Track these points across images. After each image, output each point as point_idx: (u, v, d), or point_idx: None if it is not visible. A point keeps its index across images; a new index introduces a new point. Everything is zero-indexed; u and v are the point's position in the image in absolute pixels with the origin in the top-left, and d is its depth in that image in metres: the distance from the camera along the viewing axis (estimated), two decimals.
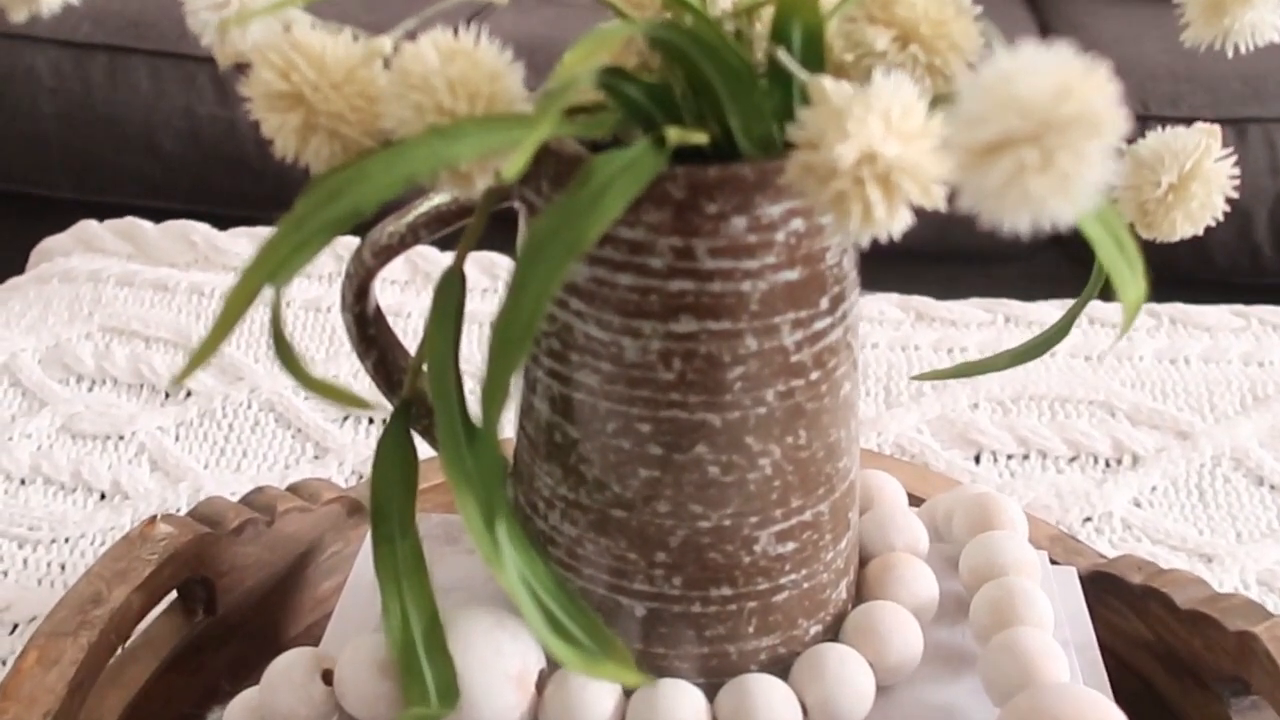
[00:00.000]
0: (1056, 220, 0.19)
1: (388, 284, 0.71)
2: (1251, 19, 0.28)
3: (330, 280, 0.72)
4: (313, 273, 0.72)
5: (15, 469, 0.58)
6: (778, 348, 0.30)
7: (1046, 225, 0.19)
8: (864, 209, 0.24)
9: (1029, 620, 0.35)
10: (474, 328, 0.64)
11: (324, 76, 0.28)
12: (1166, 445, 0.59)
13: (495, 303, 0.69)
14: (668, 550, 0.32)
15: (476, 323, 0.66)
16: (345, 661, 0.34)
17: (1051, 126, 0.18)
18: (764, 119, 0.27)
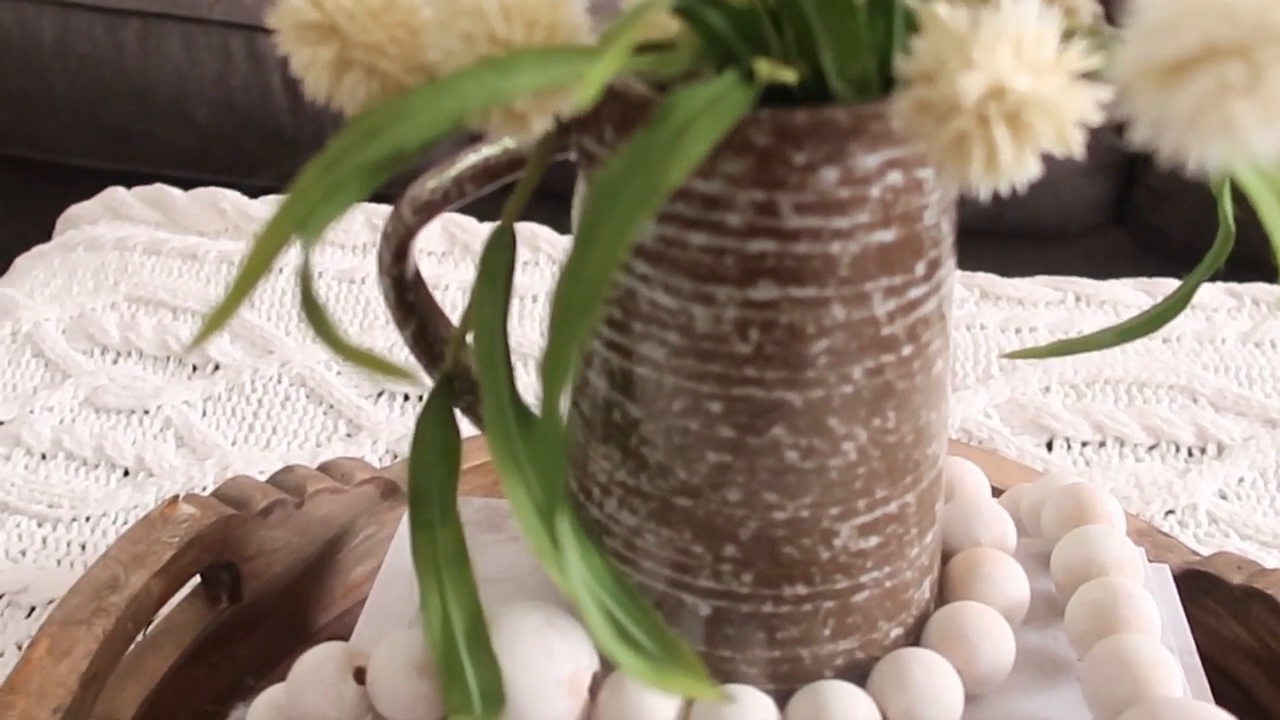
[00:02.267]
0: (1260, 155, 0.15)
1: (423, 255, 0.68)
2: None
3: (364, 250, 0.69)
4: (345, 242, 0.69)
5: (36, 443, 0.55)
6: (868, 319, 0.27)
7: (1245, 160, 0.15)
8: (989, 153, 0.21)
9: (1134, 626, 0.32)
10: (514, 302, 0.61)
11: (360, 4, 0.25)
12: (1254, 434, 0.56)
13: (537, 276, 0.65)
14: (738, 543, 0.29)
15: (517, 297, 0.63)
16: (379, 660, 0.31)
17: (1265, 36, 0.14)
18: (862, 54, 0.24)
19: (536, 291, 0.65)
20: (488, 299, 0.28)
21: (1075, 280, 0.66)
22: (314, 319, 0.23)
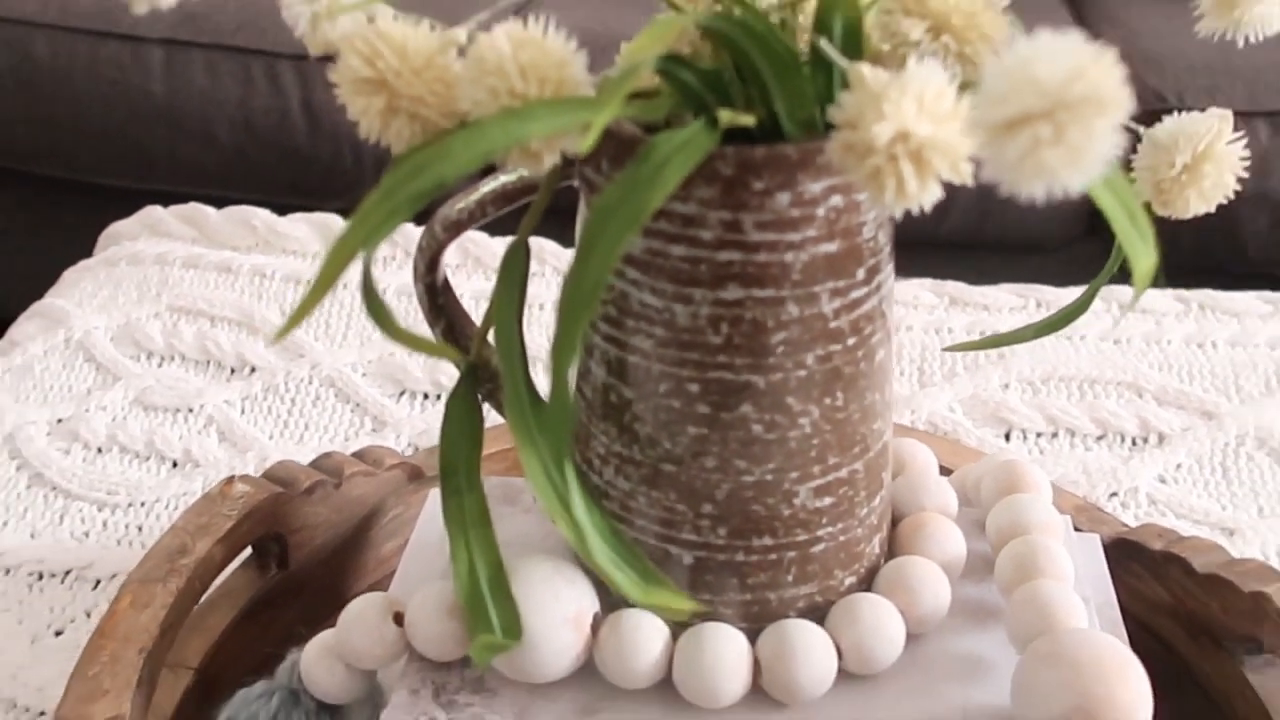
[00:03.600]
0: (1067, 189, 0.21)
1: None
2: (1260, 11, 0.30)
3: (384, 264, 0.75)
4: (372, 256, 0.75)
5: (93, 439, 0.61)
6: (817, 315, 0.33)
7: (1059, 194, 0.21)
8: (898, 183, 0.27)
9: (1050, 574, 0.38)
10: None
11: (406, 63, 0.31)
12: (1192, 425, 0.61)
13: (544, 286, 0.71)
14: (714, 502, 0.35)
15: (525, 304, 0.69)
16: (416, 605, 0.37)
17: (1063, 105, 0.20)
18: (807, 103, 0.30)
19: (544, 300, 0.71)
20: (506, 301, 0.34)
21: (1037, 288, 0.72)
22: (375, 312, 0.29)
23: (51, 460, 0.60)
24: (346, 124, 1.13)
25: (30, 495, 0.58)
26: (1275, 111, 1.10)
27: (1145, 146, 0.33)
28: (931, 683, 0.37)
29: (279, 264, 0.74)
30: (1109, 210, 0.27)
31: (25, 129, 1.24)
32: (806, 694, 0.36)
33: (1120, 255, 0.36)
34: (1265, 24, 0.30)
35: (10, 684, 0.48)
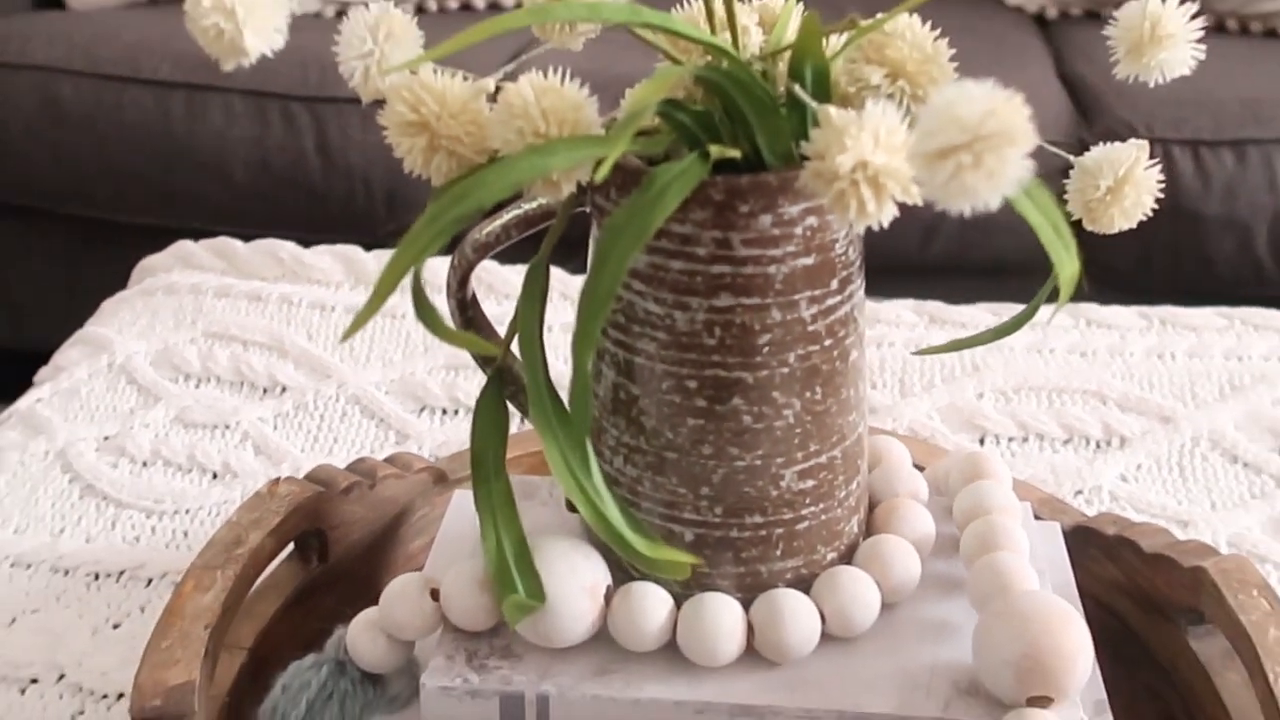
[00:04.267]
0: (988, 205, 0.26)
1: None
2: (1164, 58, 0.35)
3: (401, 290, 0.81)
4: None
5: (138, 453, 0.67)
6: (797, 319, 0.38)
7: (980, 209, 0.27)
8: (859, 204, 0.32)
9: (1008, 548, 0.43)
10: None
11: (444, 109, 0.36)
12: (1151, 428, 0.67)
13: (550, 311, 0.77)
14: (710, 485, 0.40)
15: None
16: (450, 580, 0.42)
17: (980, 138, 0.26)
18: (784, 138, 0.36)
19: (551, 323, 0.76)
20: (529, 312, 0.39)
21: (1010, 306, 0.77)
22: (425, 317, 0.34)
23: (101, 473, 0.65)
24: (358, 162, 1.23)
25: (83, 505, 0.63)
26: (1239, 140, 1.16)
27: (1076, 172, 0.38)
28: (904, 644, 0.42)
29: (305, 292, 0.79)
30: (1037, 226, 0.33)
31: (53, 171, 1.29)
32: (794, 654, 0.41)
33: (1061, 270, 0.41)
34: (1169, 69, 0.36)
35: (77, 670, 0.53)
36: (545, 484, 0.49)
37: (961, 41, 1.42)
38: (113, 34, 1.32)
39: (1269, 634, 0.44)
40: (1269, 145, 1.16)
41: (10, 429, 0.69)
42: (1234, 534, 0.60)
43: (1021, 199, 0.33)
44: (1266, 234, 1.16)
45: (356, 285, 0.81)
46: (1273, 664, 0.43)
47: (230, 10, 0.31)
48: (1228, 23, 1.40)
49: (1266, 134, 1.16)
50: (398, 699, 0.44)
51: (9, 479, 0.65)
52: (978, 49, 1.33)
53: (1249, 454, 0.65)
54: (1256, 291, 1.17)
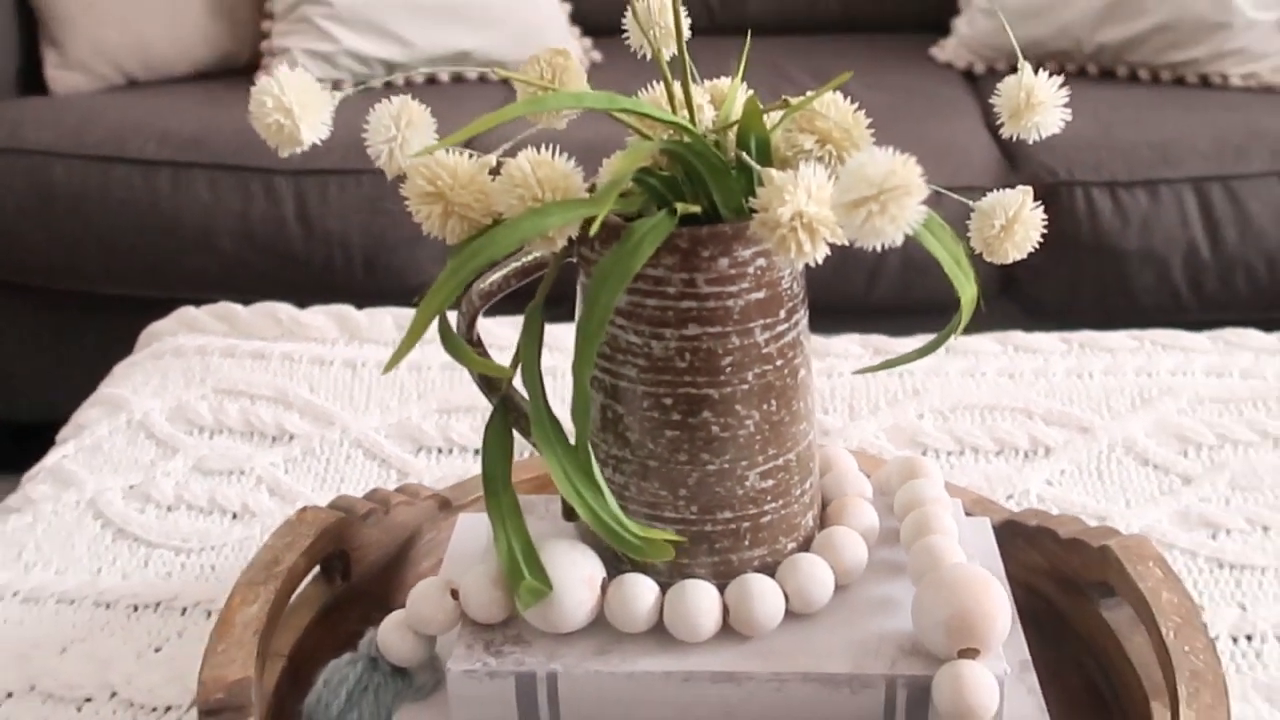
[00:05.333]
0: (894, 243, 0.35)
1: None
2: (1039, 120, 0.44)
3: (392, 345, 0.88)
4: (383, 339, 0.88)
5: (163, 499, 0.73)
6: (753, 344, 0.46)
7: (889, 245, 0.35)
8: (797, 246, 0.40)
9: (939, 532, 0.51)
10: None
11: (456, 181, 0.44)
12: (1072, 439, 0.75)
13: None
14: (687, 487, 0.48)
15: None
16: (468, 580, 0.50)
17: (884, 191, 0.34)
18: (736, 196, 0.44)
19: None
20: (529, 347, 0.47)
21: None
22: (454, 347, 0.41)
23: (131, 518, 0.71)
24: (336, 229, 1.33)
25: (116, 547, 0.70)
26: (1151, 180, 1.26)
27: (975, 214, 0.46)
28: (855, 617, 0.50)
29: (304, 349, 0.86)
30: (941, 259, 0.41)
31: (44, 248, 1.36)
32: (763, 629, 0.48)
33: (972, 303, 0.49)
34: (1043, 129, 0.44)
35: (127, 688, 0.59)
36: (541, 500, 0.56)
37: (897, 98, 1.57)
38: (98, 117, 1.39)
39: (1162, 597, 0.52)
40: (1179, 184, 1.26)
41: (41, 483, 0.76)
42: (1145, 526, 0.68)
43: (928, 237, 0.41)
44: (1182, 266, 1.26)
45: (351, 341, 0.88)
46: (1165, 621, 0.51)
47: (289, 110, 0.39)
48: (1139, 72, 1.51)
49: (1176, 174, 1.26)
50: (424, 689, 0.51)
51: (45, 527, 0.71)
52: (912, 104, 1.44)
53: (1158, 457, 0.73)
54: (1177, 318, 1.27)
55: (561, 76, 0.45)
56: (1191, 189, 1.27)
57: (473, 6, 1.55)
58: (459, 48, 1.56)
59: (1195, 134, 1.31)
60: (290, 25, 1.54)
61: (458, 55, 1.56)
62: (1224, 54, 1.46)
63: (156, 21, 1.55)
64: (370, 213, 1.30)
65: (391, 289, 1.33)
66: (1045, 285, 1.31)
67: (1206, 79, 1.48)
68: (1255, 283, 1.27)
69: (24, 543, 0.70)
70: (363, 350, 0.87)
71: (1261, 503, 0.70)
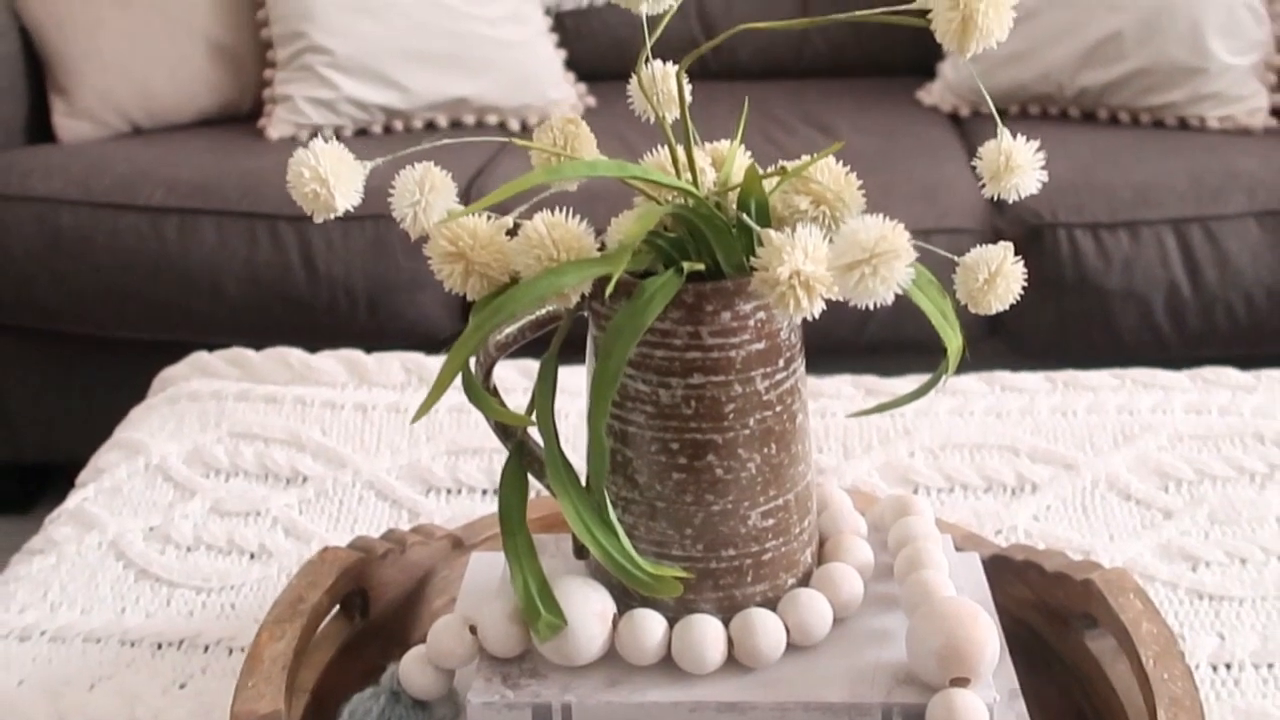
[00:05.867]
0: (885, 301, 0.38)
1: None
2: (1016, 181, 0.47)
3: (400, 389, 0.91)
4: (389, 382, 0.91)
5: (182, 540, 0.76)
6: (754, 391, 0.49)
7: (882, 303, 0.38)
8: (795, 302, 0.43)
9: (930, 567, 0.54)
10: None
11: (476, 241, 0.47)
12: (1057, 475, 0.78)
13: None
14: (693, 526, 0.51)
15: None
16: (485, 615, 0.52)
17: (876, 255, 0.37)
18: (737, 254, 0.47)
19: None
20: (544, 395, 0.50)
21: None
22: (478, 397, 0.44)
23: (152, 559, 0.74)
24: (340, 273, 1.37)
25: (139, 587, 0.72)
26: (1132, 221, 1.30)
27: (960, 269, 0.50)
28: (853, 648, 0.52)
29: (316, 393, 0.89)
30: (928, 313, 0.44)
31: (52, 293, 1.39)
32: (766, 660, 0.51)
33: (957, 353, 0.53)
34: (1022, 189, 0.48)
35: None
36: (552, 539, 0.59)
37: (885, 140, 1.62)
38: (105, 164, 1.43)
39: (1142, 628, 0.55)
40: (1159, 225, 1.30)
41: (63, 525, 0.78)
42: (1128, 559, 0.71)
43: (916, 292, 0.44)
44: (1163, 304, 1.30)
45: (360, 384, 0.91)
46: (1145, 650, 0.54)
47: (325, 180, 0.42)
48: (1120, 115, 1.55)
49: (1156, 215, 1.30)
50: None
51: (69, 568, 0.74)
52: (900, 147, 1.48)
53: (1140, 492, 0.77)
54: (1159, 355, 1.30)
55: (573, 143, 0.49)
56: (1171, 230, 1.31)
57: (471, 54, 1.59)
58: (457, 94, 1.59)
59: (1174, 176, 1.35)
60: (292, 73, 1.58)
61: (456, 101, 1.60)
62: (1201, 97, 1.51)
63: (161, 70, 1.59)
64: (373, 256, 1.34)
65: (394, 331, 1.36)
66: (1032, 324, 1.35)
67: (1185, 121, 1.52)
68: (1235, 320, 1.31)
69: (49, 583, 0.72)
70: (372, 394, 0.90)
71: (1239, 536, 0.73)
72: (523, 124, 1.63)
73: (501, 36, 1.61)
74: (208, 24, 1.61)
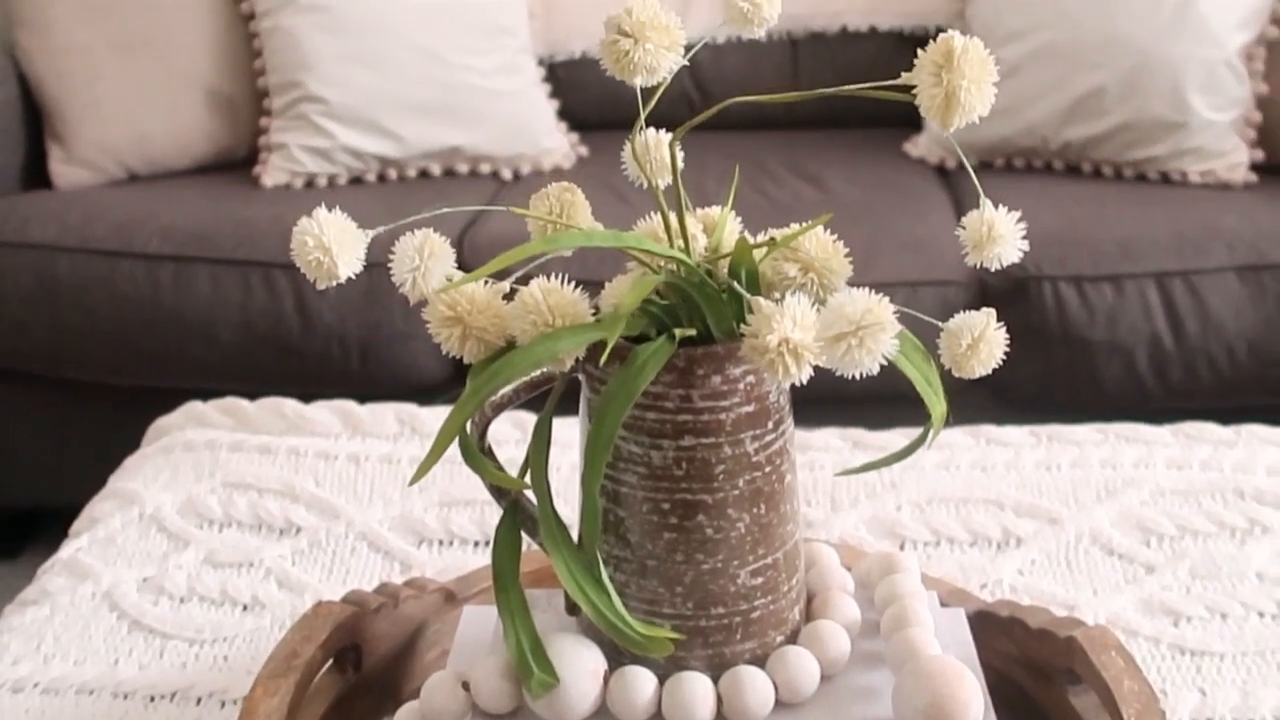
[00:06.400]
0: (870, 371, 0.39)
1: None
2: (997, 250, 0.49)
3: (394, 439, 0.92)
4: (383, 433, 0.92)
5: (176, 591, 0.76)
6: (744, 453, 0.51)
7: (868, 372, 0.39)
8: (784, 368, 0.45)
9: (916, 624, 0.55)
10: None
11: (474, 306, 0.48)
12: (1041, 529, 0.79)
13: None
14: (683, 585, 0.52)
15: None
16: (478, 673, 0.53)
17: (862, 327, 0.38)
18: (727, 320, 0.48)
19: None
20: (538, 455, 0.51)
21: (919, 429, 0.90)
22: (474, 461, 0.46)
23: (145, 610, 0.75)
24: (333, 321, 1.37)
25: (132, 639, 0.73)
26: (1116, 275, 1.32)
27: (944, 335, 0.51)
28: (840, 705, 0.53)
29: (310, 443, 0.90)
30: (913, 379, 0.46)
31: (48, 339, 1.39)
32: (754, 717, 0.52)
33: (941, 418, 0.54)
34: (1004, 258, 0.49)
35: None
36: (544, 595, 0.60)
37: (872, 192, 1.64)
38: (101, 211, 1.44)
39: (1124, 685, 0.56)
40: (1142, 279, 1.32)
41: (57, 575, 0.79)
42: (1111, 614, 0.72)
43: (902, 359, 0.46)
44: (1146, 357, 1.31)
45: (354, 435, 0.92)
46: (1126, 707, 0.55)
47: (328, 249, 0.43)
48: (1103, 169, 1.58)
49: (1139, 269, 1.32)
50: None
51: (63, 619, 0.74)
52: (887, 198, 1.50)
53: (1123, 547, 0.78)
54: (1142, 406, 1.32)
55: (569, 211, 0.50)
56: (1154, 283, 1.33)
57: (464, 104, 1.61)
58: (451, 143, 1.61)
59: (1156, 229, 1.37)
60: (288, 121, 1.59)
61: (450, 150, 1.62)
62: (1183, 152, 1.53)
63: (158, 118, 1.61)
64: (366, 306, 1.35)
65: (386, 379, 1.37)
66: (1017, 376, 1.36)
67: (1166, 176, 1.55)
68: (1217, 373, 1.32)
69: (42, 635, 0.73)
70: (366, 444, 0.91)
71: (1220, 591, 0.74)
72: (515, 173, 1.65)
73: (495, 87, 1.63)
74: (206, 73, 1.63)
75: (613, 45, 0.46)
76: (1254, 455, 0.86)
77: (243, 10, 1.63)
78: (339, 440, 0.92)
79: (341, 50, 1.57)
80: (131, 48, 1.60)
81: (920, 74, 0.45)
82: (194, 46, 1.62)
